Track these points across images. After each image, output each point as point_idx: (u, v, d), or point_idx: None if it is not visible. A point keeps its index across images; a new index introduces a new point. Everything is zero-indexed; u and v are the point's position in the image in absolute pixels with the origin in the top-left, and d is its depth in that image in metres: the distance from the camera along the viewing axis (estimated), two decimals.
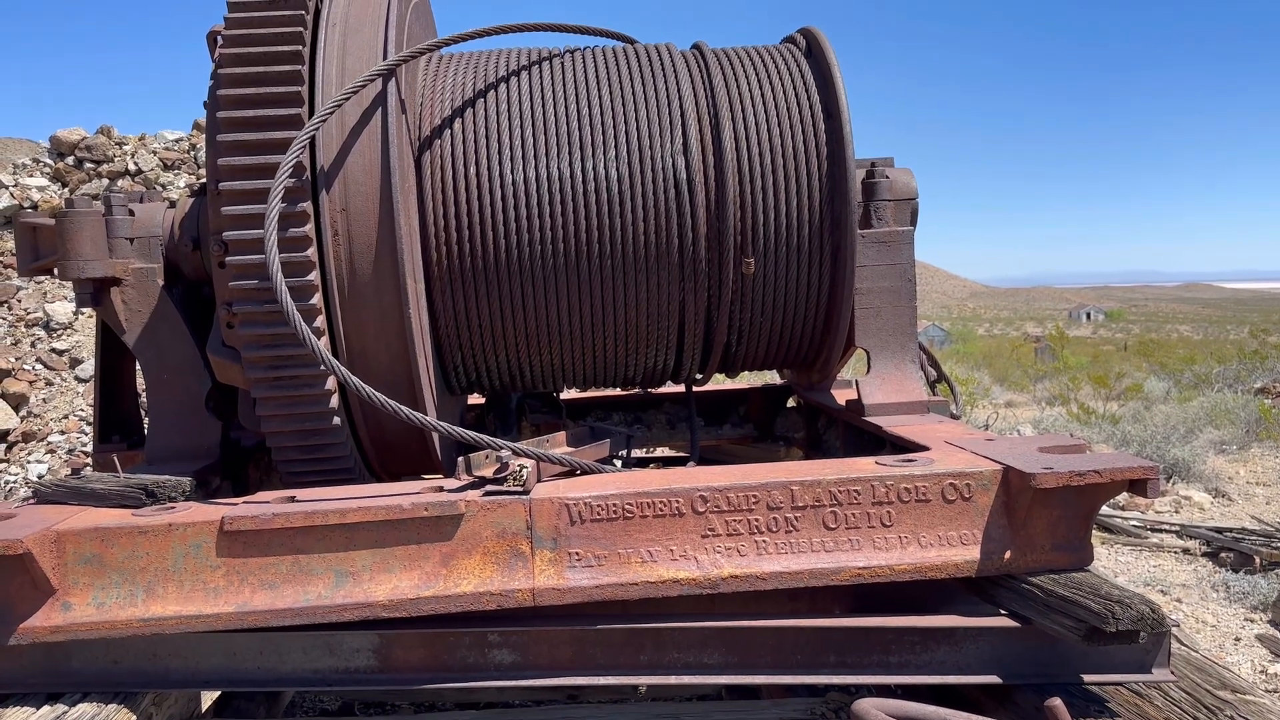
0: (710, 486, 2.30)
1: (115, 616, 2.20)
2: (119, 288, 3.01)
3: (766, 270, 3.03)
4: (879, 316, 3.16)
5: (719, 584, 2.26)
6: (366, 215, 2.64)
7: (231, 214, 2.51)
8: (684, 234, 2.93)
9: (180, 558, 2.23)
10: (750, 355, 3.31)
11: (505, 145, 2.93)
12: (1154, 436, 9.51)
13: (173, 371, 3.03)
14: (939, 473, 2.33)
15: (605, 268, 2.95)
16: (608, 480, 2.43)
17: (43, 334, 7.94)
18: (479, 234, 2.90)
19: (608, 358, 3.18)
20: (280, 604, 2.21)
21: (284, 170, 2.43)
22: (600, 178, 2.91)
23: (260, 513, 2.23)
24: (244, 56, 2.58)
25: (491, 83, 3.06)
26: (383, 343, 2.72)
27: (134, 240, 3.03)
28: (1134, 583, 6.04)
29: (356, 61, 2.72)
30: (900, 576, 2.29)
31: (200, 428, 3.02)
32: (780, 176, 2.96)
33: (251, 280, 2.52)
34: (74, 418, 7.15)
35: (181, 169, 9.57)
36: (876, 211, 3.13)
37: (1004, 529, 2.32)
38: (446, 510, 2.27)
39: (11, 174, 9.70)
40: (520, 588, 2.25)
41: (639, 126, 2.95)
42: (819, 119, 3.01)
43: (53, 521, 2.27)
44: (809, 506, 2.30)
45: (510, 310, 3.00)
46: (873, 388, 3.14)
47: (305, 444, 2.75)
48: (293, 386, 2.63)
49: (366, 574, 2.25)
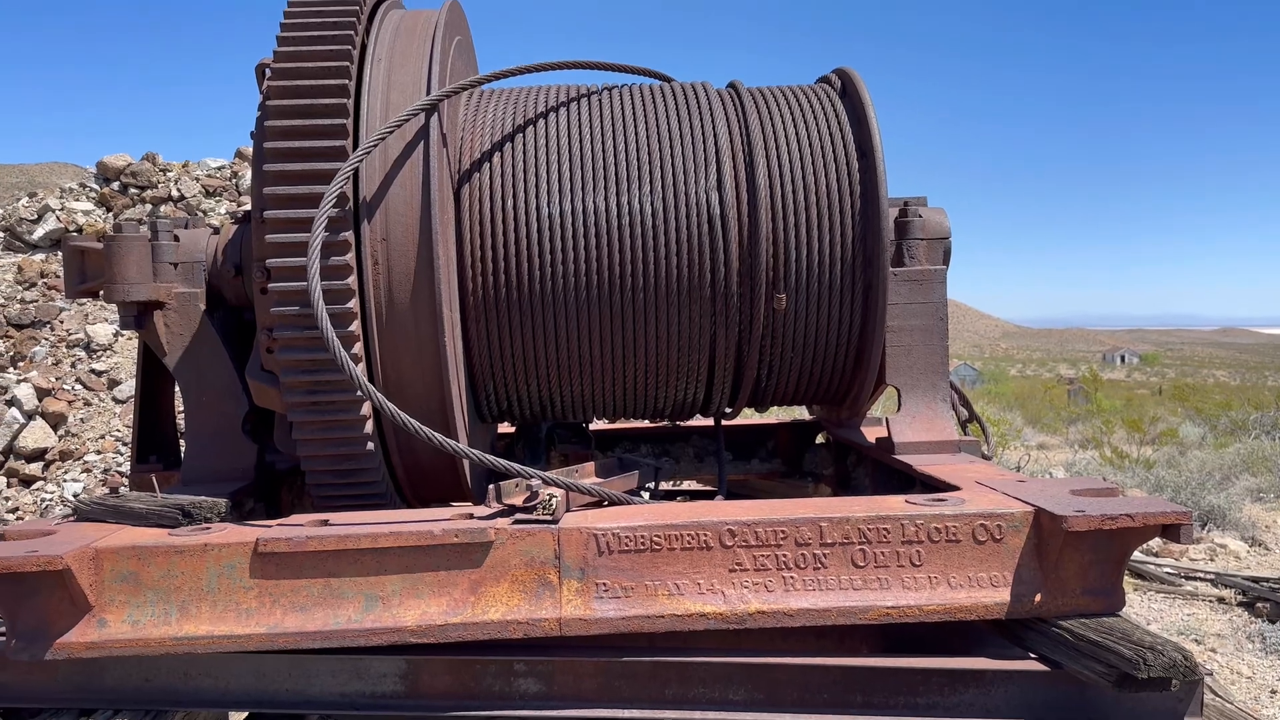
0: (738, 521, 2.30)
1: (149, 635, 2.23)
2: (162, 311, 3.08)
3: (798, 306, 3.05)
4: (910, 354, 3.16)
5: (746, 619, 2.26)
6: (406, 245, 2.69)
7: (275, 241, 2.57)
8: (716, 269, 2.96)
9: (214, 578, 2.26)
10: (780, 390, 3.31)
11: (542, 179, 2.98)
12: (1189, 482, 9.36)
13: (211, 394, 3.09)
14: (970, 513, 2.32)
15: (637, 300, 2.98)
16: (636, 512, 2.45)
17: (83, 355, 8.10)
18: (514, 265, 2.95)
19: (638, 390, 3.20)
20: (310, 626, 2.23)
21: (328, 200, 2.49)
22: (634, 212, 2.95)
23: (294, 535, 2.26)
24: (291, 89, 2.65)
25: (530, 118, 3.11)
26: (418, 370, 2.76)
27: (178, 265, 3.11)
28: (1167, 631, 5.93)
29: (400, 96, 2.79)
30: (929, 617, 2.27)
31: (236, 450, 3.07)
32: (813, 214, 2.99)
33: (292, 306, 2.57)
34: (110, 438, 7.27)
35: (223, 196, 9.76)
36: (909, 250, 3.14)
37: (1034, 571, 2.30)
38: (476, 537, 2.29)
39: (59, 198, 9.94)
40: (547, 617, 2.25)
41: (674, 162, 2.99)
42: (853, 158, 3.03)
43: (92, 539, 2.31)
44: (838, 544, 2.30)
45: (543, 340, 3.04)
46: (903, 426, 3.13)
47: (339, 468, 2.78)
48: (329, 411, 2.67)
49: (396, 599, 2.27)
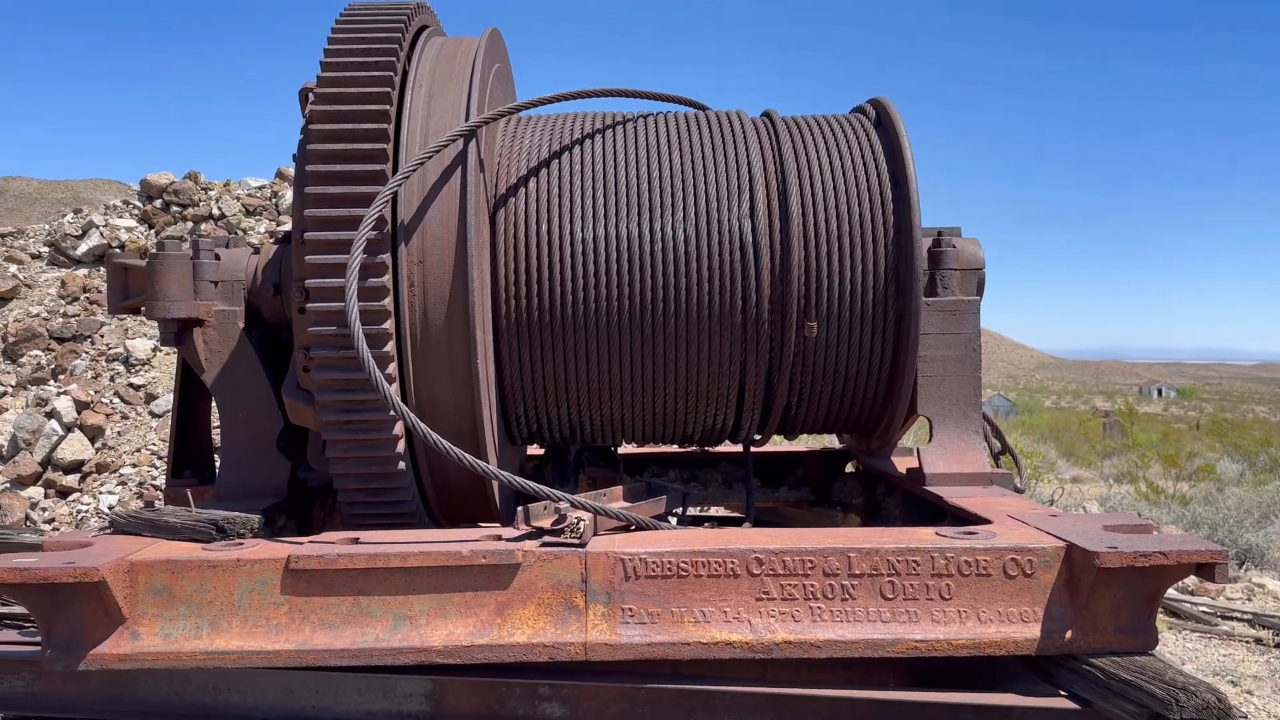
0: (766, 549, 2.30)
1: (181, 648, 2.26)
2: (201, 328, 3.13)
3: (829, 334, 3.05)
4: (942, 385, 3.14)
5: (772, 649, 2.25)
6: (442, 268, 2.73)
7: (314, 262, 2.61)
8: (748, 296, 2.97)
9: (246, 593, 2.28)
10: (810, 418, 3.31)
11: (576, 204, 3.01)
12: (1226, 520, 9.18)
13: (247, 411, 3.13)
14: (1001, 547, 2.30)
15: (668, 326, 2.99)
16: (663, 537, 2.45)
17: (122, 369, 8.24)
18: (547, 289, 2.97)
19: (667, 414, 3.21)
20: (339, 644, 2.25)
21: (367, 223, 2.53)
22: (667, 238, 2.97)
23: (325, 553, 2.29)
24: (334, 114, 2.70)
25: (566, 144, 3.15)
26: (450, 391, 2.79)
27: (218, 284, 3.17)
28: (1202, 671, 5.80)
29: (440, 121, 2.83)
30: (958, 652, 2.25)
31: (270, 467, 3.11)
32: (846, 242, 2.99)
33: (330, 326, 2.61)
34: (146, 451, 7.38)
35: (262, 215, 9.92)
36: (942, 280, 3.13)
37: (1065, 608, 2.27)
38: (504, 559, 2.30)
39: (103, 215, 10.15)
40: (573, 641, 2.26)
41: (706, 190, 3.01)
42: (886, 187, 3.04)
43: (127, 552, 2.35)
44: (866, 575, 2.28)
45: (574, 364, 3.06)
46: (934, 457, 3.11)
47: (371, 486, 2.81)
48: (362, 430, 2.71)
49: (423, 619, 2.28)
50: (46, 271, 9.85)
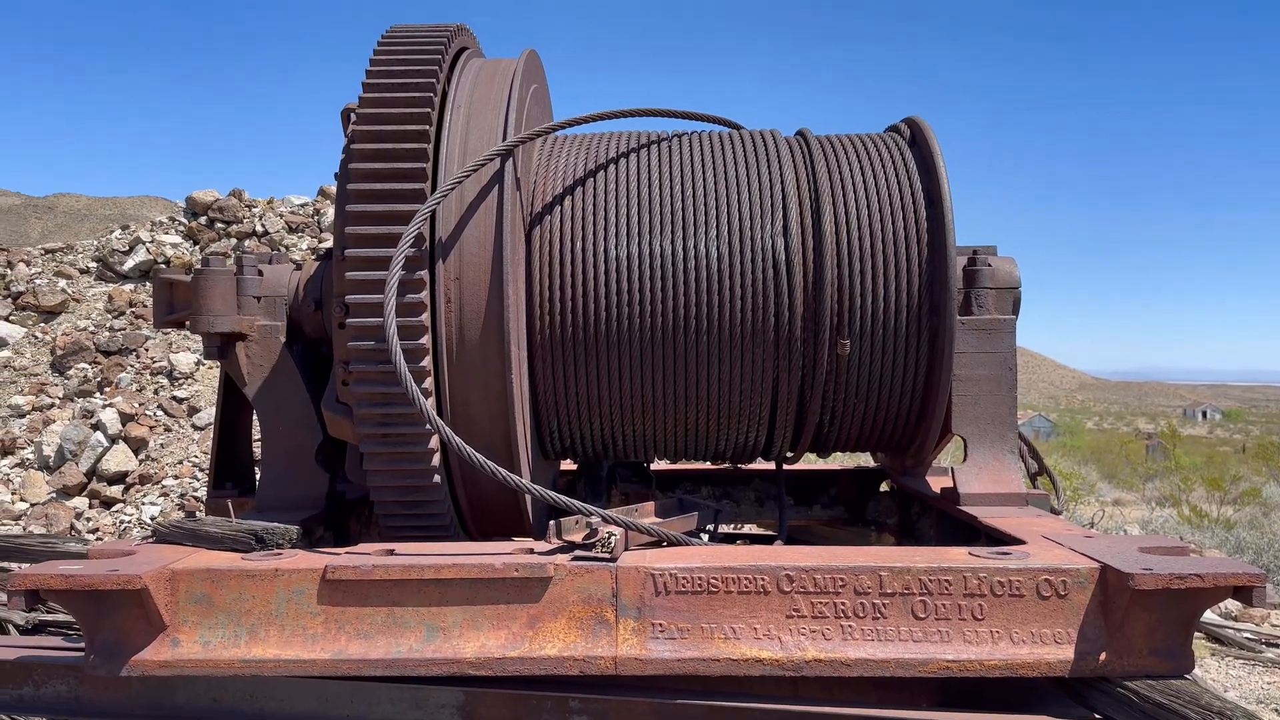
0: (796, 566, 2.30)
1: (219, 656, 2.30)
2: (244, 343, 3.20)
3: (862, 352, 3.05)
4: (977, 404, 3.13)
5: (802, 667, 2.25)
6: (478, 285, 2.77)
7: (354, 279, 2.66)
8: (780, 313, 2.98)
9: (284, 603, 2.33)
10: (843, 436, 3.30)
11: (611, 222, 3.05)
12: (1271, 544, 8.99)
13: (287, 424, 3.19)
14: (1034, 567, 2.28)
15: (701, 343, 3.01)
16: (694, 553, 2.46)
17: (165, 382, 8.40)
18: (581, 305, 3.01)
19: (699, 431, 3.22)
20: (373, 654, 2.28)
21: (406, 240, 2.58)
22: (700, 256, 3.00)
23: (361, 563, 2.33)
24: (375, 134, 2.76)
25: (601, 163, 3.19)
26: (485, 405, 2.83)
27: (261, 299, 3.23)
28: (1245, 699, 5.68)
29: (478, 141, 2.88)
30: (990, 672, 2.23)
31: (309, 479, 3.16)
32: (879, 261, 3.00)
33: (368, 341, 2.66)
34: (188, 463, 7.51)
35: (305, 232, 10.09)
36: (977, 299, 3.13)
37: (1100, 630, 2.25)
38: (535, 572, 2.32)
39: (149, 231, 10.38)
40: (603, 655, 2.27)
41: (740, 208, 3.04)
42: (920, 206, 3.04)
43: (169, 560, 2.40)
44: (898, 594, 2.28)
45: (607, 380, 3.08)
46: (969, 477, 3.10)
47: (406, 499, 2.85)
48: (399, 444, 2.75)
49: (456, 630, 2.31)
50: (94, 286, 10.08)
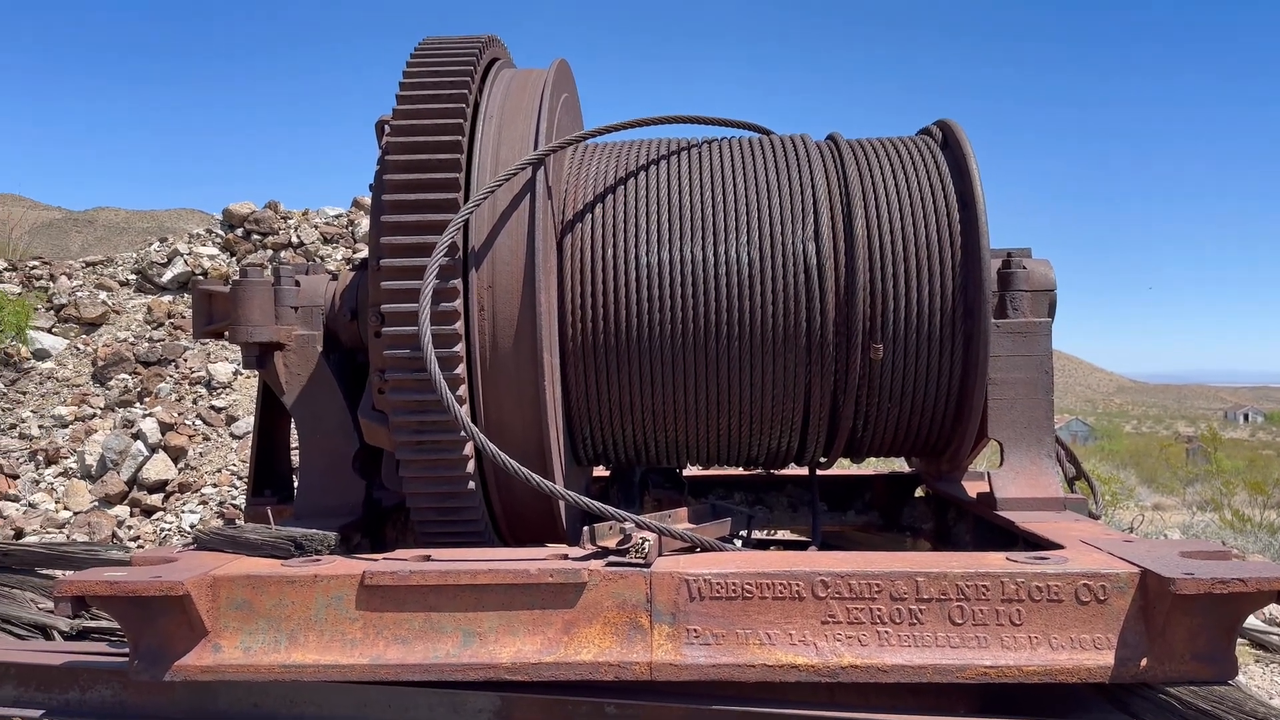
0: (831, 572, 2.29)
1: (260, 661, 2.33)
2: (282, 352, 3.25)
3: (896, 356, 3.04)
4: (1014, 408, 3.10)
5: (838, 673, 2.23)
6: (511, 293, 2.80)
7: (389, 288, 2.70)
8: (812, 318, 2.98)
9: (323, 608, 2.35)
10: (877, 441, 3.29)
11: (641, 229, 3.06)
12: None
13: (325, 432, 3.23)
14: (1073, 572, 2.26)
15: (732, 348, 3.01)
16: (728, 559, 2.46)
17: (204, 392, 8.53)
18: (613, 312, 3.02)
19: (731, 437, 3.22)
20: (411, 659, 2.30)
21: (439, 250, 2.61)
22: (731, 261, 3.00)
23: (399, 569, 2.35)
24: (409, 145, 2.79)
25: (631, 170, 3.21)
26: (518, 412, 2.85)
27: (298, 309, 3.28)
28: None
29: (510, 151, 2.91)
30: (1029, 678, 2.21)
31: (346, 486, 3.20)
32: (912, 264, 2.99)
33: (403, 350, 2.69)
34: (226, 472, 7.61)
35: (340, 243, 10.21)
36: (1012, 302, 3.10)
37: (1140, 635, 2.22)
38: (570, 578, 2.33)
39: (187, 243, 10.55)
40: (638, 660, 2.27)
41: (770, 213, 3.04)
42: (953, 208, 3.03)
43: (210, 567, 2.44)
44: (934, 599, 2.26)
45: (639, 386, 3.09)
46: (1005, 481, 3.07)
47: (442, 505, 2.88)
48: (434, 450, 2.78)
49: (492, 635, 2.33)
50: (134, 298, 10.26)
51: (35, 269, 10.72)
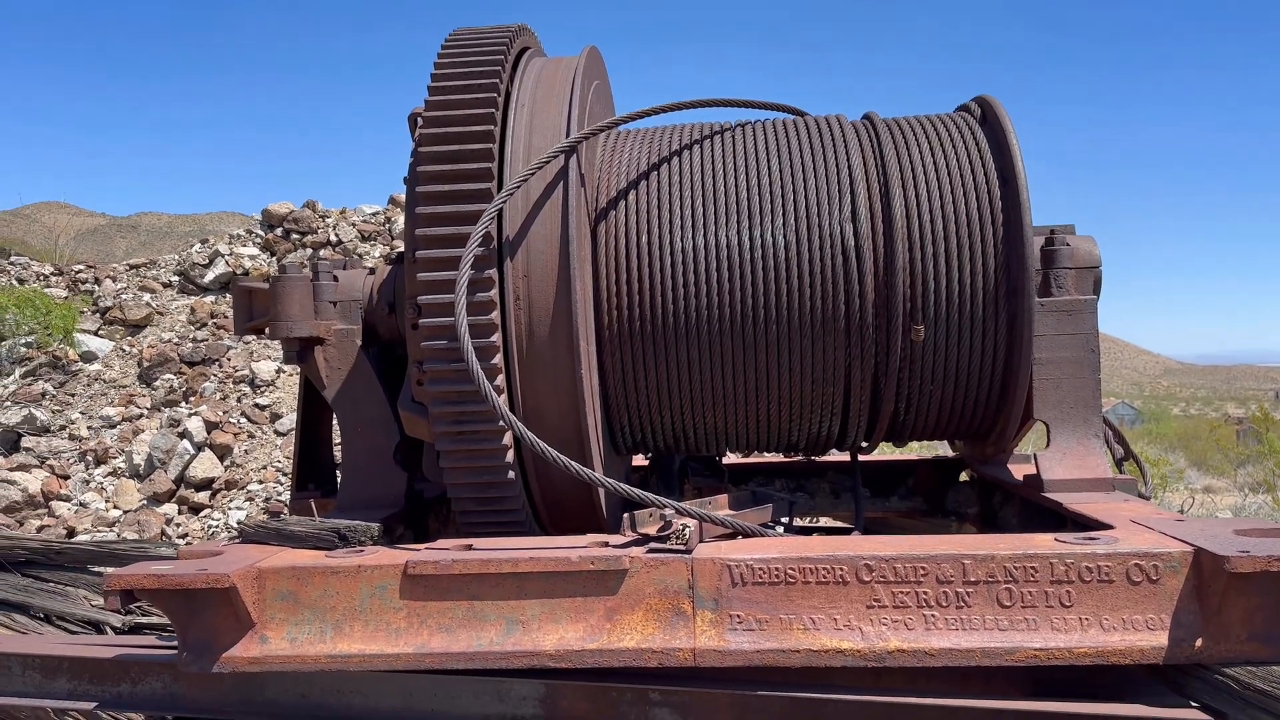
0: (876, 556, 2.26)
1: (306, 651, 2.35)
2: (322, 347, 3.27)
3: (937, 338, 2.99)
4: (1059, 388, 3.04)
5: (884, 657, 2.21)
6: (546, 282, 2.79)
7: (426, 280, 2.70)
8: (851, 300, 2.94)
9: (367, 598, 2.37)
10: (919, 425, 3.24)
11: (676, 214, 3.04)
12: None
13: (365, 425, 3.25)
14: (1124, 552, 2.21)
15: (770, 333, 2.98)
16: (770, 544, 2.44)
17: (248, 390, 8.65)
18: (648, 299, 3.00)
19: (771, 423, 3.20)
20: (455, 647, 2.31)
21: (474, 240, 2.61)
22: (767, 245, 2.97)
23: (441, 558, 2.36)
24: (441, 136, 2.80)
25: (664, 156, 3.19)
26: (555, 401, 2.84)
27: (337, 304, 3.30)
28: None
29: (541, 139, 2.90)
30: (1080, 660, 2.17)
31: (388, 478, 3.22)
32: (953, 243, 2.94)
33: (441, 341, 2.70)
34: (271, 468, 7.72)
35: (377, 240, 10.29)
36: (1056, 279, 3.04)
37: (1194, 615, 2.17)
38: (611, 565, 2.32)
39: (228, 244, 10.70)
40: (682, 647, 2.26)
41: (807, 195, 3.00)
42: (994, 185, 2.97)
43: (255, 559, 2.47)
44: (982, 582, 2.22)
45: (676, 373, 3.07)
46: (1052, 463, 3.01)
47: (482, 495, 2.88)
48: (473, 441, 2.78)
49: (535, 623, 2.33)
50: (177, 300, 10.43)
51: (80, 273, 10.94)
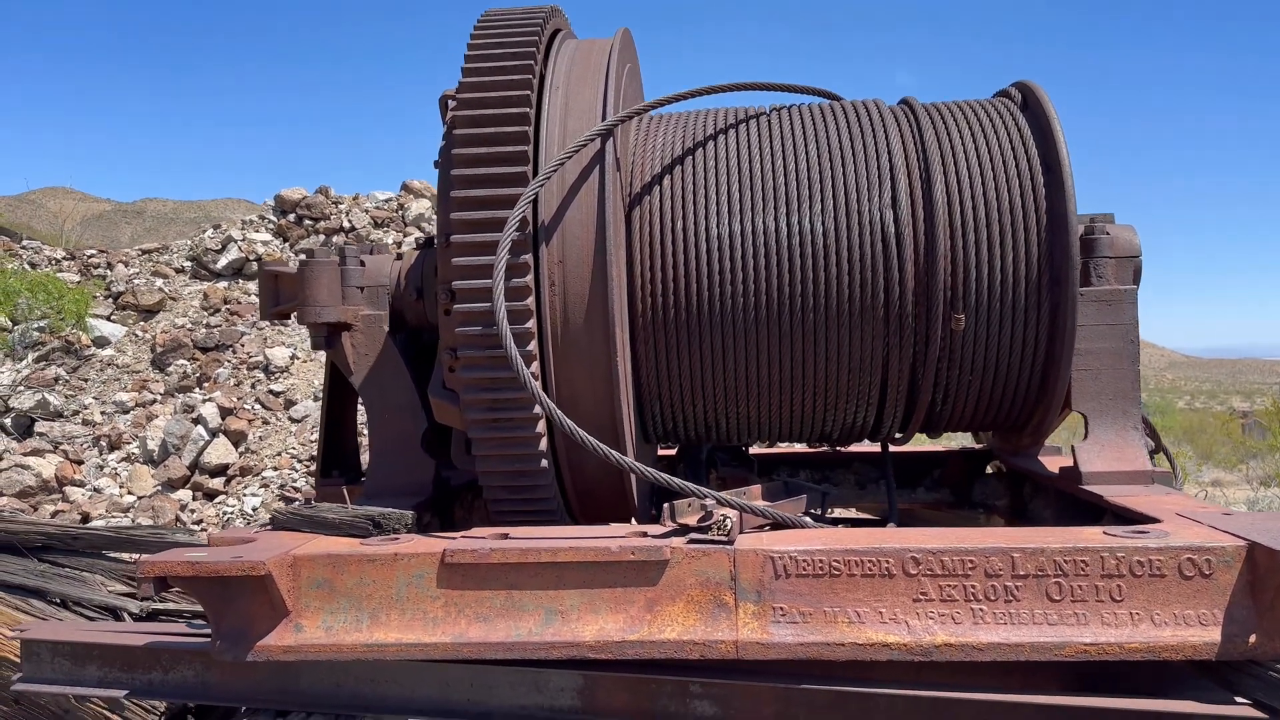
0: (923, 548, 2.22)
1: (342, 640, 2.32)
2: (349, 332, 3.24)
3: (978, 327, 2.94)
4: (1098, 379, 3.00)
5: (931, 652, 2.17)
6: (581, 267, 2.75)
7: (461, 264, 2.66)
8: (890, 288, 2.89)
9: (404, 586, 2.33)
10: (956, 415, 3.20)
11: (711, 200, 2.99)
12: None
13: (393, 412, 3.22)
14: (1176, 546, 2.17)
15: (807, 321, 2.94)
16: (814, 535, 2.40)
17: (262, 376, 8.62)
18: (683, 286, 2.96)
19: (805, 413, 3.15)
20: (493, 637, 2.28)
21: (511, 224, 2.56)
22: (805, 231, 2.92)
23: (479, 547, 2.32)
24: (476, 118, 2.75)
25: (699, 140, 3.13)
26: (589, 388, 2.80)
27: (364, 289, 3.27)
28: None
29: (577, 122, 2.85)
30: (1131, 655, 2.13)
31: (416, 465, 3.18)
32: (995, 231, 2.89)
33: (475, 327, 2.65)
34: (286, 455, 7.69)
35: (390, 227, 10.24)
36: (1096, 269, 2.99)
37: (1248, 611, 2.13)
38: (652, 555, 2.29)
39: (240, 229, 10.66)
40: (724, 639, 2.22)
41: (845, 181, 2.95)
42: (1037, 172, 2.92)
43: (289, 547, 2.43)
44: (1031, 576, 2.18)
45: (710, 361, 3.03)
46: (1091, 455, 2.97)
47: (514, 484, 2.85)
48: (507, 428, 2.74)
49: (574, 613, 2.29)
50: (189, 285, 10.39)
51: (93, 257, 10.91)
